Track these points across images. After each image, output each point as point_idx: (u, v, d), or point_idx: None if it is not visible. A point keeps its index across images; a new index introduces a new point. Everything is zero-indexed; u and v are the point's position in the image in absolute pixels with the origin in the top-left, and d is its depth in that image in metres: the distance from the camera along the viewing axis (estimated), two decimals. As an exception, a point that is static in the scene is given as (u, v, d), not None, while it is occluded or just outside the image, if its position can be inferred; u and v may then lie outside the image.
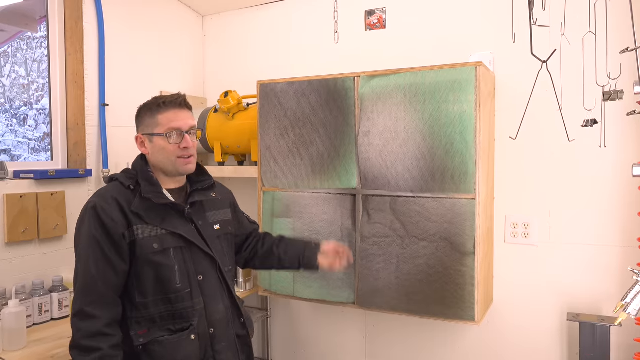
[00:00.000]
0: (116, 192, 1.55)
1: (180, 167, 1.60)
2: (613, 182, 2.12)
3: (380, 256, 2.15)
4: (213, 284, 1.62)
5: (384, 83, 2.10)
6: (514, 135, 1.96)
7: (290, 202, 2.32)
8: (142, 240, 1.51)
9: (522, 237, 2.29)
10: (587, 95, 1.83)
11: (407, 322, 2.52)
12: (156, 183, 1.59)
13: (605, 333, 2.01)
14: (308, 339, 2.79)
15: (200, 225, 1.63)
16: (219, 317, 1.61)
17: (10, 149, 2.37)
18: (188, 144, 1.59)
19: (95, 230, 1.48)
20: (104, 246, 1.48)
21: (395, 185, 2.10)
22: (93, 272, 1.47)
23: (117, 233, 1.49)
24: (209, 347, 1.58)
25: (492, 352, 2.37)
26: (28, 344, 1.87)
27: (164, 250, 1.53)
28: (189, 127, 1.60)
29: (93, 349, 1.42)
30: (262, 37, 2.90)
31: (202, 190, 1.69)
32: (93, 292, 1.47)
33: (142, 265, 1.51)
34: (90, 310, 1.45)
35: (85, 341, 1.43)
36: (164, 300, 1.53)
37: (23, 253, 2.14)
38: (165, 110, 1.59)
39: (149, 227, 1.53)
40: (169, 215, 1.57)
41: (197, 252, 1.59)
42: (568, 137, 1.79)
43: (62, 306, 2.18)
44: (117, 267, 1.49)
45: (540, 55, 1.47)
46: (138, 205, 1.53)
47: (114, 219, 1.49)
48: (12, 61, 2.39)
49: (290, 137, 2.31)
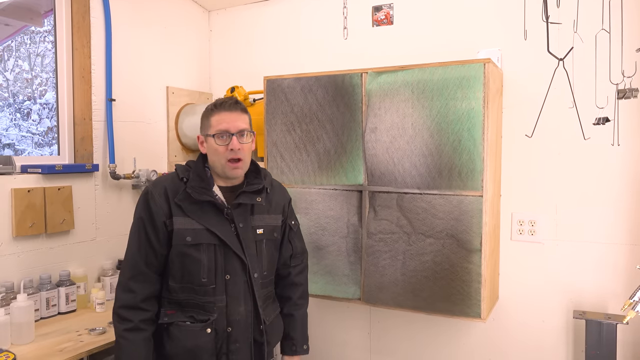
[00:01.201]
0: (169, 182, 1.66)
1: (228, 170, 1.65)
2: (623, 180, 2.11)
3: (386, 252, 2.15)
4: (239, 285, 1.64)
5: (392, 79, 2.09)
6: (529, 133, 1.94)
7: (296, 198, 2.32)
8: (178, 231, 1.60)
9: (528, 234, 2.29)
10: (600, 93, 1.82)
11: (412, 318, 2.53)
12: (207, 179, 1.67)
13: (612, 331, 2.01)
14: (313, 335, 2.79)
15: (241, 227, 1.66)
16: (238, 318, 1.64)
17: (14, 143, 2.38)
18: (234, 145, 1.61)
19: (144, 214, 1.62)
20: (148, 229, 1.61)
21: (402, 182, 2.10)
22: (135, 251, 1.62)
23: (160, 220, 1.61)
24: (224, 344, 1.63)
25: (498, 349, 2.38)
26: (36, 338, 1.88)
27: (196, 245, 1.61)
28: (238, 129, 1.63)
29: (126, 319, 1.58)
30: (269, 33, 2.90)
31: (250, 193, 1.70)
32: (134, 268, 1.61)
33: (175, 254, 1.61)
34: (131, 284, 1.60)
35: (122, 311, 1.59)
36: (190, 289, 1.62)
37: (30, 247, 2.15)
38: (217, 113, 1.65)
39: (187, 219, 1.61)
40: (209, 212, 1.63)
41: (229, 252, 1.63)
42: (584, 135, 1.78)
43: (69, 300, 2.19)
44: (156, 250, 1.61)
45: (553, 52, 1.46)
46: (182, 198, 1.62)
47: (159, 206, 1.61)
48: (16, 55, 2.38)
49: (296, 133, 2.30)
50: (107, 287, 2.37)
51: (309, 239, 2.28)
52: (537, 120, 1.76)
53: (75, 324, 2.06)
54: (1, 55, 2.32)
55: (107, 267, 2.42)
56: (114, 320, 1.61)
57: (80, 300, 2.24)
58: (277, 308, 1.83)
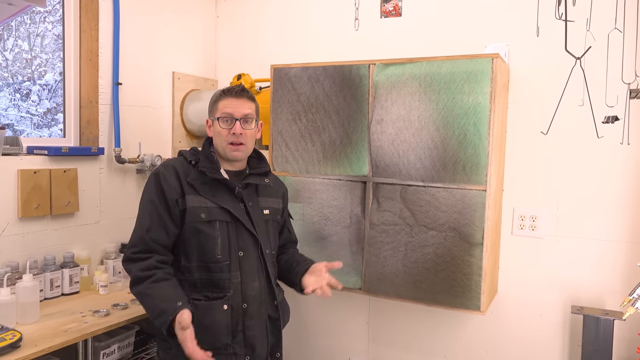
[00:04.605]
0: (178, 164, 1.72)
1: (229, 152, 1.72)
2: (627, 178, 2.12)
3: (388, 244, 2.17)
4: (252, 262, 1.71)
5: (399, 72, 2.10)
6: (536, 129, 1.96)
7: (300, 187, 2.33)
8: (192, 209, 1.64)
9: (529, 229, 2.31)
10: (610, 92, 1.83)
11: (410, 309, 2.56)
12: (215, 161, 1.73)
13: (609, 326, 2.04)
14: (312, 323, 2.83)
15: (250, 206, 1.74)
16: (253, 293, 1.69)
17: (13, 123, 2.37)
18: (236, 129, 1.69)
19: (155, 194, 1.65)
20: (159, 208, 1.64)
21: (407, 174, 2.12)
22: (144, 231, 1.63)
23: (172, 199, 1.64)
24: (240, 320, 1.67)
25: (495, 341, 2.41)
26: (40, 318, 1.90)
27: (210, 222, 1.65)
28: (242, 114, 1.71)
29: (147, 276, 1.59)
30: (276, 21, 2.89)
31: (258, 175, 1.80)
32: (145, 244, 1.63)
33: (189, 232, 1.65)
34: (139, 256, 1.62)
35: (141, 273, 1.60)
36: (205, 268, 1.65)
37: (35, 228, 2.17)
38: (224, 98, 1.73)
39: (200, 198, 1.66)
40: (221, 191, 1.70)
41: (241, 229, 1.69)
42: (597, 133, 1.79)
43: (73, 282, 2.21)
44: (169, 228, 1.65)
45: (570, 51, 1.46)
46: (194, 177, 1.67)
47: (171, 186, 1.65)
48: (15, 35, 2.37)
49: (302, 123, 2.31)
50: (110, 270, 2.39)
51: (312, 228, 2.30)
52: (553, 116, 1.77)
53: (79, 306, 2.08)
54: (1, 34, 2.30)
55: (111, 250, 2.44)
56: (135, 292, 1.62)
57: (83, 282, 2.26)
58: (282, 290, 1.90)
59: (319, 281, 1.75)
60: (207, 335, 1.61)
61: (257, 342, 1.70)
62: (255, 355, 1.70)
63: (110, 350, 2.02)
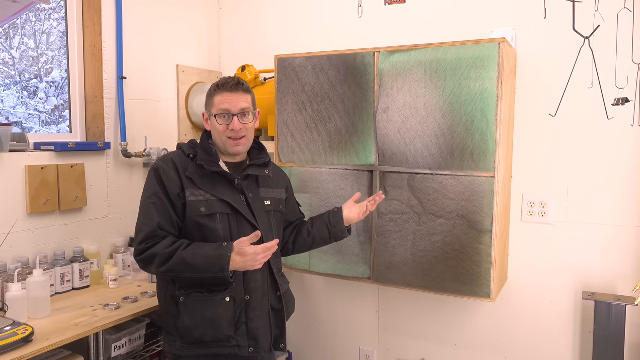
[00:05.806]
0: (177, 158, 1.71)
1: (229, 147, 1.71)
2: (637, 161, 2.10)
3: (396, 232, 2.16)
4: None
5: (404, 59, 2.08)
6: (546, 113, 1.92)
7: (307, 178, 2.33)
8: (192, 203, 1.64)
9: (539, 216, 2.29)
10: (620, 73, 1.79)
11: (419, 297, 2.55)
12: (214, 154, 1.72)
13: (621, 312, 2.02)
14: (321, 313, 2.83)
15: (251, 197, 1.73)
16: (255, 285, 1.69)
17: (22, 121, 2.38)
18: (235, 126, 1.68)
19: (157, 188, 1.64)
20: (164, 200, 1.63)
21: (414, 162, 2.10)
22: (157, 221, 1.62)
23: (174, 192, 1.64)
24: (242, 312, 1.67)
25: (505, 329, 2.40)
26: (52, 313, 1.91)
27: (210, 215, 1.65)
28: (239, 109, 1.69)
29: (176, 248, 1.59)
30: (279, 11, 2.86)
31: (258, 166, 1.79)
32: (157, 236, 1.62)
33: (191, 226, 1.65)
34: (155, 241, 1.62)
35: (168, 248, 1.59)
36: None
37: (44, 224, 2.18)
38: (220, 93, 1.70)
39: (200, 192, 1.66)
40: (220, 183, 1.69)
41: (242, 221, 1.69)
42: (607, 115, 1.75)
43: (83, 277, 2.22)
44: (173, 220, 1.65)
45: (579, 30, 1.42)
46: (192, 171, 1.67)
47: (171, 179, 1.65)
48: (22, 33, 2.37)
49: (308, 113, 2.30)
50: (120, 264, 2.40)
51: (320, 219, 2.29)
52: (562, 99, 1.74)
53: (90, 300, 2.09)
54: (7, 32, 2.31)
55: (120, 245, 2.45)
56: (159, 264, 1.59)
57: (93, 276, 2.27)
58: (287, 282, 1.90)
59: (361, 205, 1.89)
60: (209, 328, 1.62)
61: (260, 334, 1.70)
62: (259, 347, 1.70)
63: (122, 343, 2.04)
